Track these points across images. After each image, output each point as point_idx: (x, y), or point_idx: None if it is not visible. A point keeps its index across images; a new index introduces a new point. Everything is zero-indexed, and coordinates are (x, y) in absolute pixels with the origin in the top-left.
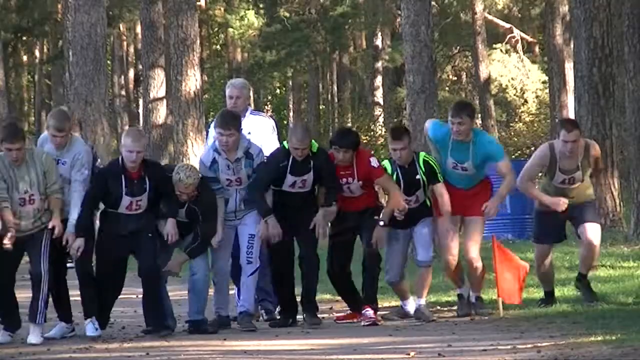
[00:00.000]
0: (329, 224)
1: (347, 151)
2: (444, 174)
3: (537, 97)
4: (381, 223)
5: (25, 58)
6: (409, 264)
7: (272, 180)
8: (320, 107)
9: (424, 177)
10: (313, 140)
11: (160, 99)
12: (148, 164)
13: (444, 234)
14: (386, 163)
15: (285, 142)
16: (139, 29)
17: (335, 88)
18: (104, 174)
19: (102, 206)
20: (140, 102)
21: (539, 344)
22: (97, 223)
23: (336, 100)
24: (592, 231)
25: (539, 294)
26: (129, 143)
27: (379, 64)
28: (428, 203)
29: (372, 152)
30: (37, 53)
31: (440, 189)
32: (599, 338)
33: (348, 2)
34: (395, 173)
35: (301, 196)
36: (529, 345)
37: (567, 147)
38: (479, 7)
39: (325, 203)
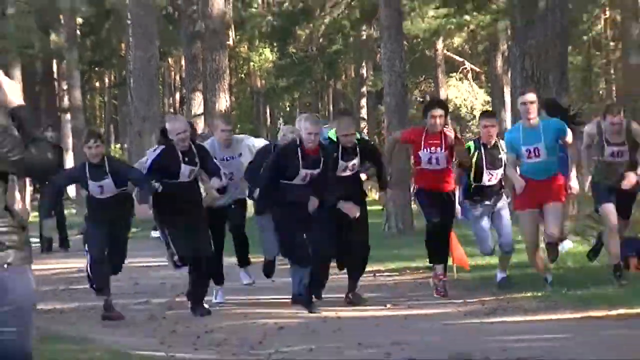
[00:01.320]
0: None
1: (442, 116)
2: (523, 173)
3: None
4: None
5: (97, 84)
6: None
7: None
8: None
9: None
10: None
11: (199, 115)
12: (323, 146)
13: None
14: (470, 144)
15: (331, 134)
16: (183, 62)
17: (331, 107)
18: (282, 154)
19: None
20: (184, 117)
21: (484, 299)
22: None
23: (331, 117)
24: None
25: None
26: (309, 126)
27: (364, 89)
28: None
29: None
30: (106, 80)
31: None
32: (529, 294)
33: (340, 42)
34: (478, 151)
35: (348, 180)
36: (476, 300)
37: (613, 128)
38: (439, 46)
39: (381, 182)
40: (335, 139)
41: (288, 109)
